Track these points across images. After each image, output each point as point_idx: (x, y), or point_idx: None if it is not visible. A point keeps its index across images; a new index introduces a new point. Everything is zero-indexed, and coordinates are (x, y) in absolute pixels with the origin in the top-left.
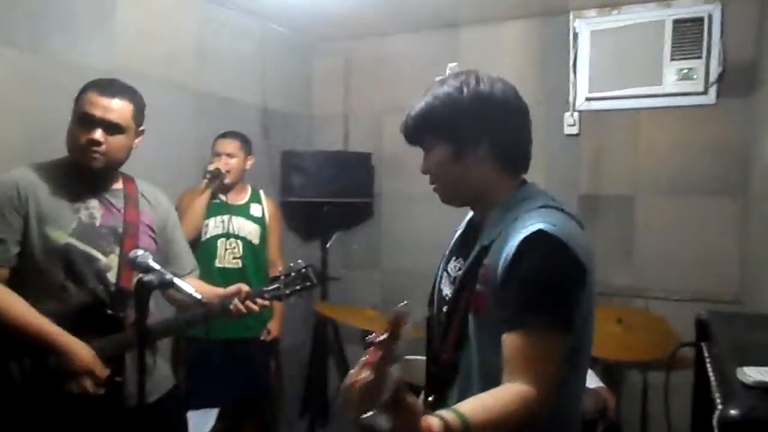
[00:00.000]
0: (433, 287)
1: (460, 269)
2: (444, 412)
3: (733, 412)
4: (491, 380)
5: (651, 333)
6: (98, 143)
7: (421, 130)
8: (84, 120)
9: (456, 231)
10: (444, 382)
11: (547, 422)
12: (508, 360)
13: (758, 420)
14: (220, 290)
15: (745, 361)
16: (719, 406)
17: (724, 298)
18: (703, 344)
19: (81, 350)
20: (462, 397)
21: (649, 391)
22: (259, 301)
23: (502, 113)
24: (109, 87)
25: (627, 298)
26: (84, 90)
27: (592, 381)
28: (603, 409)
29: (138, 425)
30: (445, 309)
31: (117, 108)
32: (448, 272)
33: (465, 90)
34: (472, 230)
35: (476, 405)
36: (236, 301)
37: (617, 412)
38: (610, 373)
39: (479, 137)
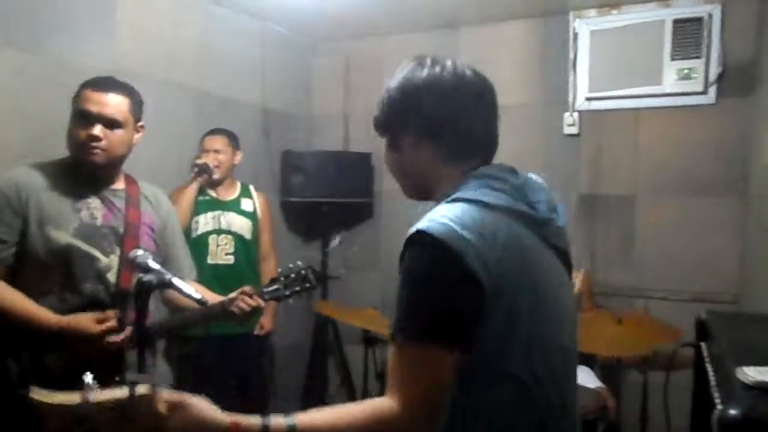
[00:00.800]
0: None
1: None
2: (273, 416)
3: (732, 412)
4: None
5: (650, 329)
6: (98, 138)
7: (376, 126)
8: (82, 117)
9: None
10: None
11: None
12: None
13: (758, 420)
14: (221, 298)
15: (745, 361)
16: (719, 406)
17: (724, 298)
18: (703, 344)
19: (83, 320)
20: None
21: (649, 391)
22: (256, 298)
23: (429, 96)
24: (104, 83)
25: (627, 298)
26: (80, 88)
27: (592, 381)
28: (603, 409)
29: None
30: None
31: (113, 103)
32: None
33: (395, 79)
34: None
35: (316, 412)
36: (239, 299)
37: (617, 412)
38: (610, 373)
39: (406, 122)
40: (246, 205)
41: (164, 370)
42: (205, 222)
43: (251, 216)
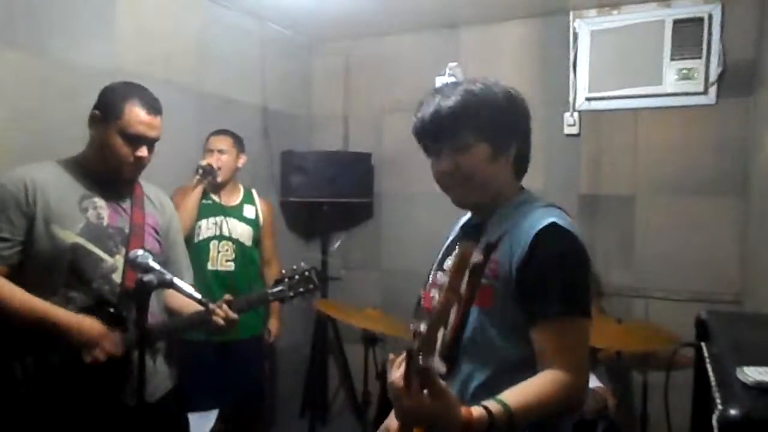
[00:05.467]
0: (419, 299)
1: None
2: (486, 401)
3: (733, 412)
4: (501, 370)
5: (649, 332)
6: (144, 159)
7: (458, 125)
8: (133, 139)
9: (447, 238)
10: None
11: None
12: (542, 350)
13: (758, 420)
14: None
15: (745, 361)
16: (719, 406)
17: (724, 298)
18: (703, 344)
19: (84, 323)
20: (463, 391)
21: (649, 391)
22: (225, 309)
23: (526, 116)
24: (154, 105)
25: (627, 298)
26: (128, 103)
27: (592, 381)
28: (603, 409)
29: (138, 425)
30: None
31: (159, 125)
32: (442, 274)
33: (497, 89)
34: (472, 231)
35: (516, 392)
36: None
37: (617, 412)
38: (610, 373)
39: (512, 138)
40: (248, 211)
41: (166, 372)
42: (207, 227)
43: (253, 223)
